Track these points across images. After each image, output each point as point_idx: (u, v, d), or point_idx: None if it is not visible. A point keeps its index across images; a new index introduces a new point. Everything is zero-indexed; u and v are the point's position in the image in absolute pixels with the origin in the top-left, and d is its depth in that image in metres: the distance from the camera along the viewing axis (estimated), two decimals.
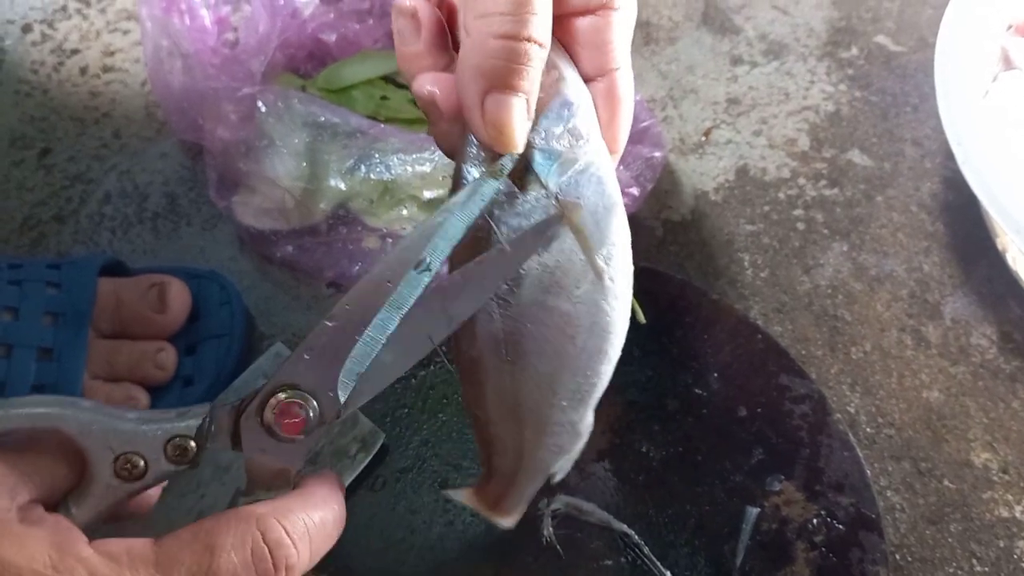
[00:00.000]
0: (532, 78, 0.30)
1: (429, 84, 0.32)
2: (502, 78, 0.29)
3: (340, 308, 0.30)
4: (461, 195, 0.31)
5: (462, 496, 0.39)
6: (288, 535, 0.30)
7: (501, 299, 0.32)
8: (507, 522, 0.39)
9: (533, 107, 0.31)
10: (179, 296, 0.48)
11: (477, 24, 0.29)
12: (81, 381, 0.45)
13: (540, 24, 0.29)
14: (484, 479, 0.38)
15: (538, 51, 0.29)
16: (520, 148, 0.31)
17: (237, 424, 0.31)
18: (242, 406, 0.31)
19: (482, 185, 0.31)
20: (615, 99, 0.32)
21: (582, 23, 0.32)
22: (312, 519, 0.31)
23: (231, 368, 0.49)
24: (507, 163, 0.31)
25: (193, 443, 0.31)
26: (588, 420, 0.36)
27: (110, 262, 0.50)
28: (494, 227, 0.32)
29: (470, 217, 0.31)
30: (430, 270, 0.30)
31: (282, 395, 0.31)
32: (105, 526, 0.31)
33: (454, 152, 0.33)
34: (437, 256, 0.30)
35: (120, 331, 0.48)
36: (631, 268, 0.34)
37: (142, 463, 0.31)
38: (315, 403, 0.31)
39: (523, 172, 0.32)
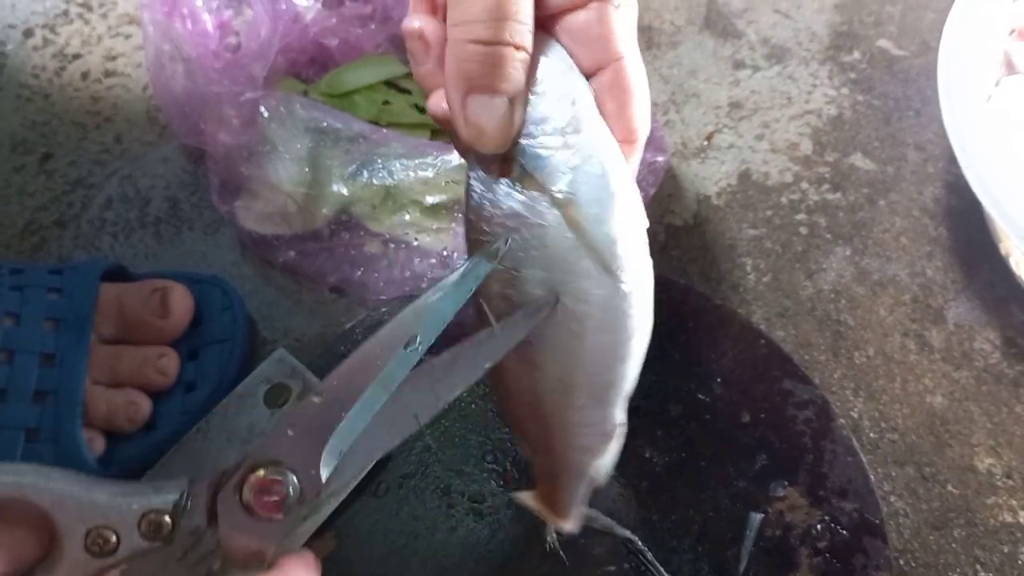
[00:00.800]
0: (513, 79, 0.30)
1: (443, 101, 0.32)
2: (480, 80, 0.30)
3: (327, 383, 0.30)
4: (455, 275, 0.31)
5: (528, 499, 0.38)
6: None
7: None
8: (567, 525, 0.38)
9: (520, 108, 0.31)
10: (181, 301, 0.48)
11: (454, 32, 0.30)
12: (83, 387, 0.45)
13: (517, 28, 0.29)
14: (537, 482, 0.38)
15: (517, 54, 0.30)
16: (501, 147, 0.31)
17: (215, 500, 0.30)
18: (221, 480, 0.30)
19: (476, 265, 0.31)
20: (623, 87, 0.32)
21: (575, 19, 0.32)
22: None
23: (233, 373, 0.49)
24: (502, 245, 0.31)
25: (168, 519, 0.29)
26: (615, 420, 0.35)
27: (112, 267, 0.50)
28: (485, 308, 0.32)
29: (463, 297, 0.31)
30: (419, 349, 0.30)
31: (262, 471, 0.30)
32: None
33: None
34: (428, 335, 0.30)
35: (122, 336, 0.48)
36: (647, 262, 0.33)
37: (114, 538, 0.29)
38: (295, 480, 0.30)
39: (520, 172, 0.32)
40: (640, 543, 0.43)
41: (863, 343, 0.52)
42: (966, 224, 0.56)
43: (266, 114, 0.53)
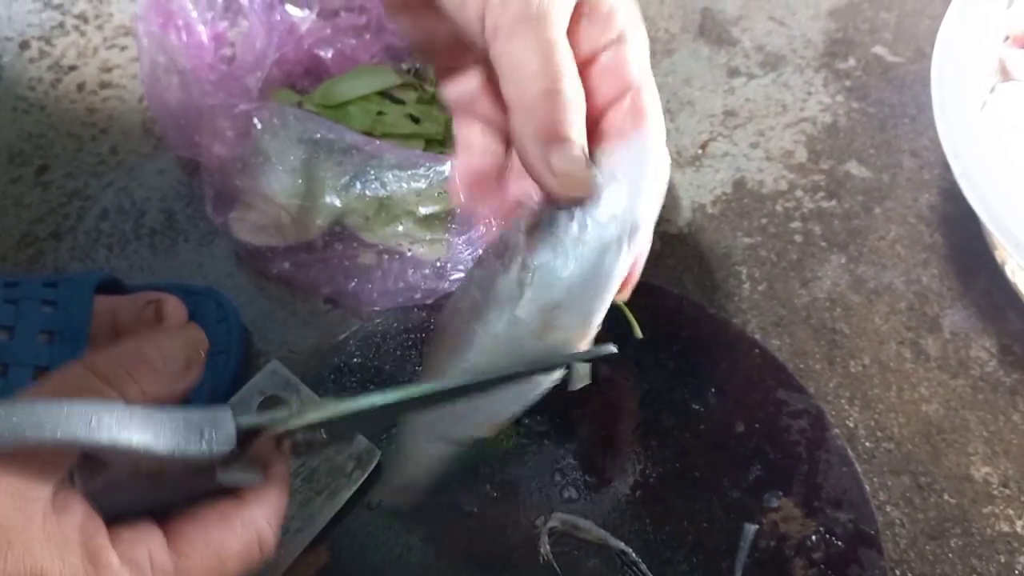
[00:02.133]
0: (578, 124, 0.32)
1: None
2: (554, 131, 0.32)
3: None
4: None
5: None
6: (271, 531, 0.34)
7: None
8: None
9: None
10: (175, 313, 0.48)
11: (517, 92, 0.32)
12: None
13: (569, 72, 0.32)
14: None
15: (576, 95, 0.32)
16: (589, 191, 0.33)
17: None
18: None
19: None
20: (639, 112, 0.34)
21: (599, 61, 0.34)
22: (282, 508, 0.35)
23: (228, 385, 0.49)
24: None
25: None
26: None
27: (106, 279, 0.50)
28: None
29: None
30: None
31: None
32: None
33: None
34: None
35: None
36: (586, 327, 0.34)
37: None
38: None
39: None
40: (634, 554, 0.43)
41: (858, 352, 0.52)
42: (962, 231, 0.56)
43: (260, 126, 0.53)
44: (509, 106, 0.33)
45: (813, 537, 0.44)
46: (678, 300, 0.51)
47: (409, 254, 0.52)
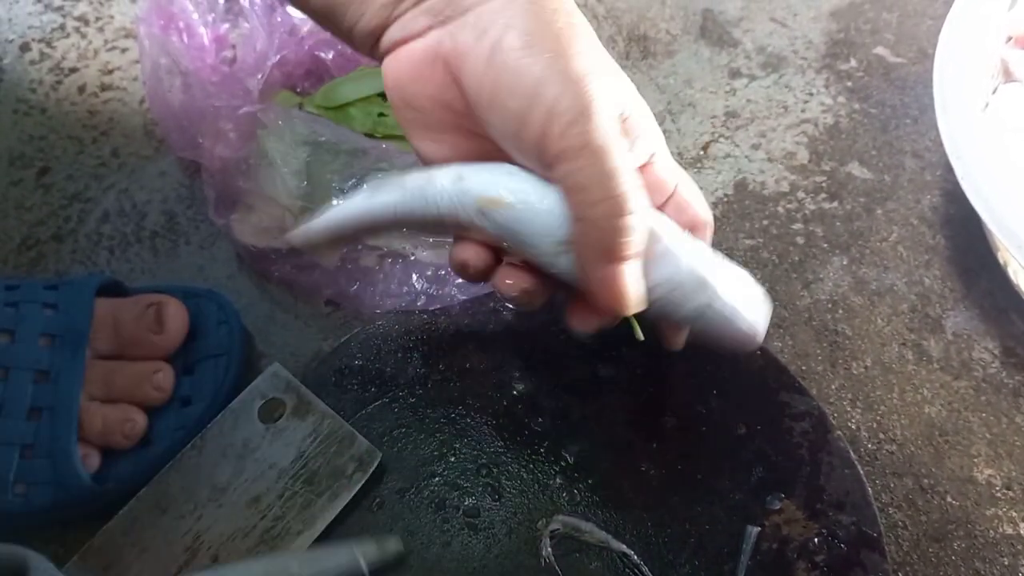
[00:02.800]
0: (637, 243, 0.36)
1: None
2: (613, 252, 0.35)
3: None
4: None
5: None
6: None
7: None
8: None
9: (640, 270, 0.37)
10: (176, 316, 0.48)
11: (587, 213, 0.35)
12: (78, 403, 0.45)
13: (636, 198, 0.35)
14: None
15: (639, 220, 0.35)
16: (640, 306, 0.37)
17: None
18: None
19: None
20: (683, 205, 0.41)
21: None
22: None
23: (229, 388, 0.49)
24: None
25: None
26: None
27: (107, 282, 0.50)
28: None
29: None
30: None
31: None
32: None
33: None
34: None
35: (118, 352, 0.48)
36: None
37: None
38: None
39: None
40: (636, 557, 0.43)
41: (860, 353, 0.52)
42: (964, 232, 0.55)
43: (263, 127, 0.53)
44: (576, 219, 0.36)
45: (815, 539, 0.44)
46: None
47: (412, 258, 0.52)
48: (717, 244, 0.56)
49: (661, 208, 0.40)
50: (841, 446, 0.46)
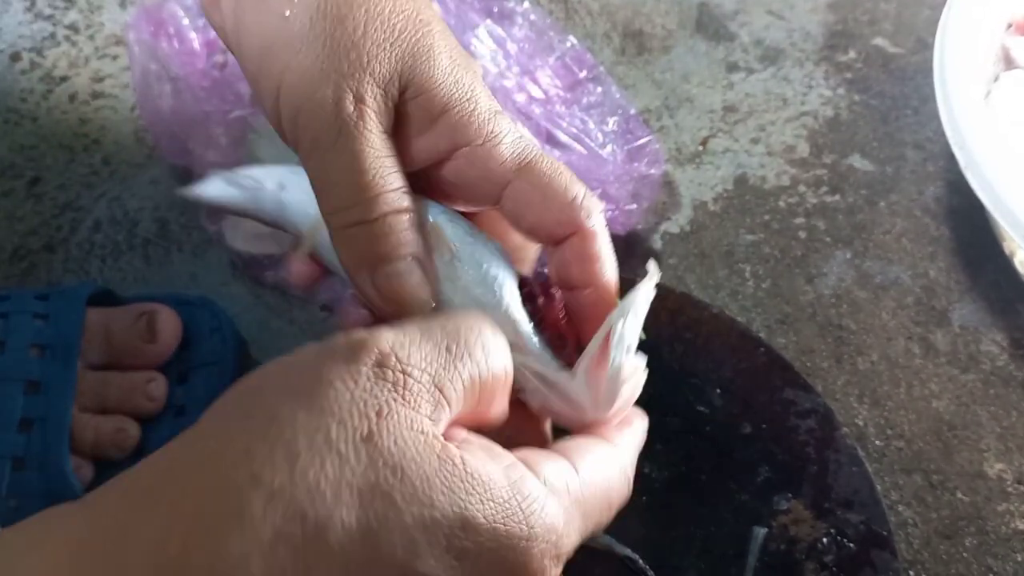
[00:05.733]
0: (406, 242, 0.32)
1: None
2: (377, 255, 0.31)
3: None
4: None
5: None
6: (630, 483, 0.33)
7: None
8: None
9: (429, 261, 0.32)
10: (168, 324, 0.47)
11: (333, 220, 0.32)
12: (70, 414, 0.45)
13: (389, 199, 0.31)
14: None
15: (400, 218, 0.32)
16: (426, 306, 0.32)
17: None
18: None
19: None
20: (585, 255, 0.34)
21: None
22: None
23: None
24: None
25: None
26: None
27: (99, 291, 0.49)
28: None
29: None
30: None
31: None
32: None
33: None
34: None
35: (110, 362, 0.47)
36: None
37: None
38: None
39: None
40: (641, 561, 0.42)
41: (866, 348, 0.51)
42: (969, 223, 0.55)
43: (254, 132, 0.52)
44: (326, 220, 0.32)
45: (824, 539, 0.43)
46: (680, 300, 0.50)
47: None
48: (719, 240, 0.55)
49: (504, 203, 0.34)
50: (848, 443, 0.45)
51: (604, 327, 0.31)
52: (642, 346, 0.49)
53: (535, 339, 0.32)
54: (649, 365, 0.48)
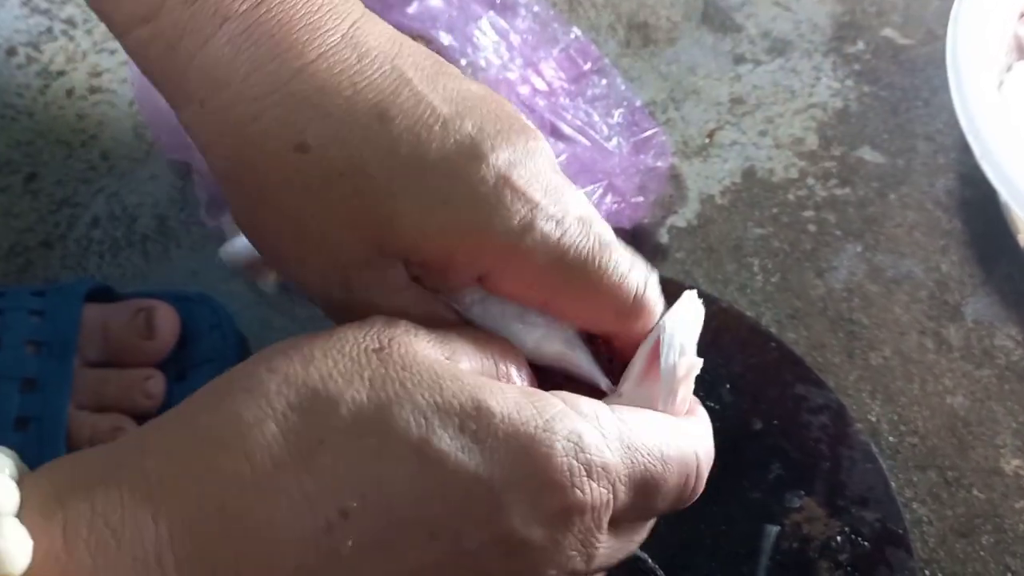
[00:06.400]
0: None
1: None
2: None
3: None
4: None
5: None
6: (705, 465, 0.32)
7: None
8: None
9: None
10: (166, 321, 0.47)
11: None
12: (66, 412, 0.44)
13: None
14: None
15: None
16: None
17: None
18: None
19: None
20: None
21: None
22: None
23: None
24: None
25: None
26: None
27: (97, 288, 0.48)
28: None
29: None
30: None
31: None
32: None
33: None
34: None
35: (107, 359, 0.46)
36: None
37: None
38: None
39: None
40: (650, 561, 0.41)
41: (879, 343, 0.50)
42: (981, 216, 0.54)
43: None
44: None
45: (838, 538, 0.42)
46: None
47: None
48: (727, 234, 0.54)
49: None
50: (862, 439, 0.44)
51: (651, 337, 0.30)
52: None
53: (582, 350, 0.31)
54: None
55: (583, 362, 0.31)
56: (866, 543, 0.42)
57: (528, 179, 0.29)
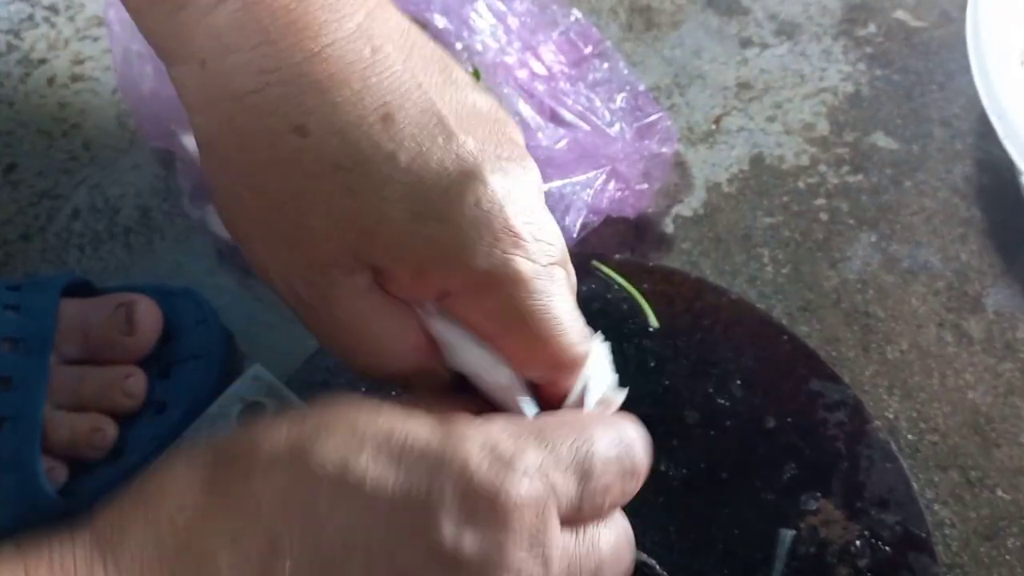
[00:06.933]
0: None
1: None
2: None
3: None
4: None
5: None
6: (644, 448, 0.31)
7: None
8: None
9: None
10: (148, 316, 0.44)
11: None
12: (42, 412, 0.42)
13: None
14: None
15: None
16: None
17: None
18: None
19: None
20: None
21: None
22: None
23: (209, 392, 0.45)
24: None
25: None
26: None
27: (75, 281, 0.46)
28: None
29: None
30: None
31: None
32: None
33: None
34: None
35: (86, 356, 0.44)
36: None
37: None
38: None
39: None
40: (658, 567, 0.39)
41: (895, 336, 0.48)
42: (1000, 204, 0.51)
43: None
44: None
45: (857, 542, 0.39)
46: (697, 286, 0.47)
47: None
48: (735, 224, 0.52)
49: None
50: (881, 437, 0.42)
51: (575, 389, 0.31)
52: (656, 335, 0.46)
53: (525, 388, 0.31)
54: (664, 356, 0.45)
55: (525, 403, 0.31)
56: (887, 547, 0.39)
57: (517, 212, 0.29)
